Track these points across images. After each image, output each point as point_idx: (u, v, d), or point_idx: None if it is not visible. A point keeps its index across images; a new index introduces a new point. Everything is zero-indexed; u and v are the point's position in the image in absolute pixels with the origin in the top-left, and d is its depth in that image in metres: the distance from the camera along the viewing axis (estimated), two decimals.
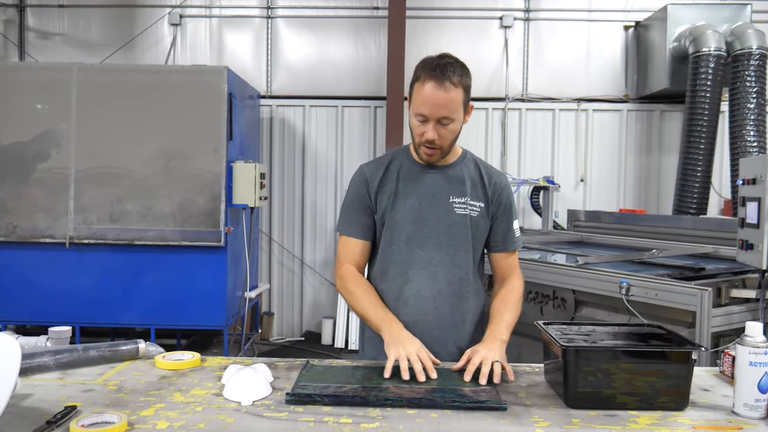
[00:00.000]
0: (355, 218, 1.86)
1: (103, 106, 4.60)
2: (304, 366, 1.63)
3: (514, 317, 1.76)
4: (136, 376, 1.57)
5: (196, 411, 1.33)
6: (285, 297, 6.36)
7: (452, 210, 1.81)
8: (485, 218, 1.85)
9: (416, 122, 1.72)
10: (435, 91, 1.65)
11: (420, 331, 1.78)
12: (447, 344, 1.82)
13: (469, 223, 1.82)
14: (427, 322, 1.81)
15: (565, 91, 6.16)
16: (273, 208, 6.26)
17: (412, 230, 1.81)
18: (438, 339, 1.81)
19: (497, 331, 1.68)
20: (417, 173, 1.84)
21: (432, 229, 1.81)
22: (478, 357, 1.56)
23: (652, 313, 2.99)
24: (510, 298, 1.81)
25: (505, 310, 1.77)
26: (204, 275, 4.60)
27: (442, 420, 1.31)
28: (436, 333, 1.81)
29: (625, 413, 1.36)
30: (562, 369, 1.40)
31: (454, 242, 1.81)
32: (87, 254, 4.57)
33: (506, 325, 1.71)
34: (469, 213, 1.82)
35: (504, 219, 1.87)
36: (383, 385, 1.46)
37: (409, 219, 1.80)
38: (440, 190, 1.82)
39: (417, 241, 1.81)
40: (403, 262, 1.81)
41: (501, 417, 1.33)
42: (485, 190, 1.85)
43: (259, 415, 1.31)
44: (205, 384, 1.52)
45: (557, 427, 1.28)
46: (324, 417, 1.31)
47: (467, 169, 1.86)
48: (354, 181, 1.90)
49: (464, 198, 1.82)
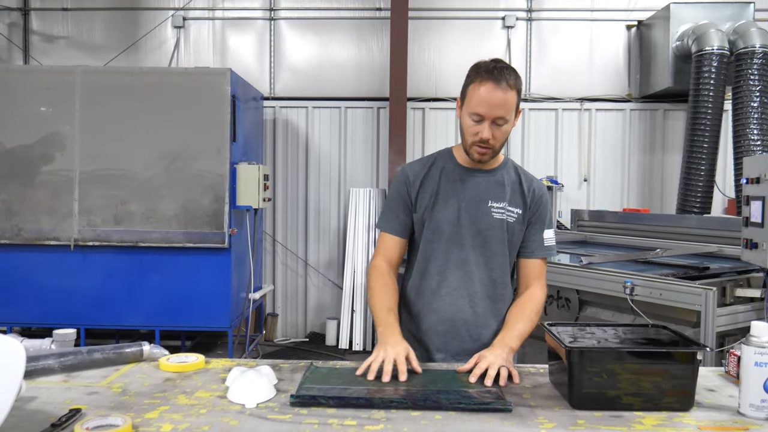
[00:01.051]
0: (393, 216, 1.92)
1: (106, 109, 4.61)
2: (308, 368, 1.63)
3: (528, 327, 1.77)
4: (141, 378, 1.57)
5: (200, 413, 1.33)
6: (289, 298, 6.37)
7: (490, 214, 1.85)
8: (521, 224, 1.88)
9: (470, 122, 1.75)
10: (492, 92, 1.69)
11: (457, 328, 1.87)
12: (482, 342, 1.85)
13: (505, 227, 1.86)
14: (464, 320, 1.87)
15: (567, 91, 6.15)
16: (277, 209, 6.27)
17: (451, 230, 1.85)
18: (475, 337, 1.87)
19: (507, 338, 1.70)
20: (459, 176, 1.88)
21: (469, 230, 1.85)
22: (485, 362, 1.57)
23: (656, 312, 2.98)
24: (528, 307, 1.82)
25: (521, 318, 1.78)
26: (208, 277, 4.61)
27: (447, 422, 1.30)
28: (474, 330, 1.87)
29: (630, 414, 1.36)
30: (566, 370, 1.39)
31: (489, 245, 1.86)
32: (91, 256, 4.58)
33: (518, 334, 1.73)
34: (506, 218, 1.85)
35: (537, 226, 1.90)
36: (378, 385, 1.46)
37: (448, 219, 1.85)
38: (480, 193, 1.86)
39: (455, 242, 1.86)
40: (442, 261, 1.87)
41: (505, 418, 1.33)
42: (524, 197, 1.89)
43: (263, 417, 1.31)
44: (210, 386, 1.52)
45: (562, 429, 1.27)
46: (328, 419, 1.31)
47: (508, 174, 1.90)
48: (396, 180, 1.95)
49: (503, 203, 1.86)
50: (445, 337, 1.88)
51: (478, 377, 1.53)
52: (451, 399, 1.40)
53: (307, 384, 1.50)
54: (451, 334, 1.87)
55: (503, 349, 1.64)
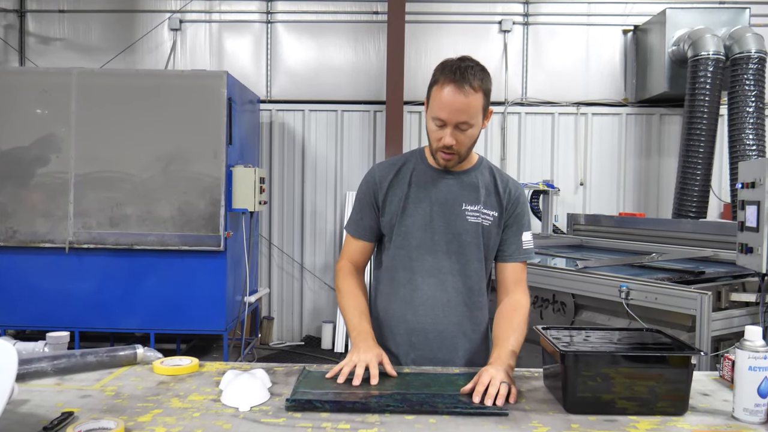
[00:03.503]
0: (359, 218, 1.86)
1: (102, 111, 4.60)
2: (301, 372, 1.63)
3: (520, 338, 1.67)
4: (134, 381, 1.56)
5: (193, 417, 1.32)
6: (285, 301, 6.36)
7: (464, 217, 1.77)
8: (498, 228, 1.81)
9: (434, 126, 1.68)
10: (454, 96, 1.60)
11: (431, 339, 1.79)
12: (457, 353, 1.81)
13: (480, 231, 1.78)
14: (438, 331, 1.79)
15: (564, 95, 6.17)
16: (273, 212, 6.26)
17: (422, 236, 1.78)
18: (450, 347, 1.80)
19: (503, 356, 1.58)
20: (430, 178, 1.80)
21: (442, 236, 1.78)
22: (487, 376, 1.47)
23: (651, 316, 2.98)
24: (516, 318, 1.72)
25: (511, 332, 1.67)
26: (204, 280, 4.60)
27: (441, 426, 1.30)
28: (449, 342, 1.80)
29: (624, 418, 1.36)
30: (561, 374, 1.39)
31: (464, 251, 1.78)
32: (87, 259, 4.57)
33: (512, 349, 1.61)
34: (482, 221, 1.78)
35: (514, 228, 1.82)
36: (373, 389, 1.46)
37: (419, 225, 1.78)
38: (453, 196, 1.78)
39: (427, 248, 1.78)
40: (412, 269, 1.79)
41: (500, 422, 1.32)
42: (500, 199, 1.81)
43: (257, 421, 1.31)
44: (203, 389, 1.51)
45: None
46: (322, 423, 1.30)
47: (482, 176, 1.82)
48: (364, 180, 1.88)
49: (477, 206, 1.78)
50: (418, 348, 1.79)
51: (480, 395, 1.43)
52: (447, 403, 1.40)
53: (302, 388, 1.49)
54: (425, 345, 1.78)
55: (502, 366, 1.53)
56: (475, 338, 1.83)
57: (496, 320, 1.76)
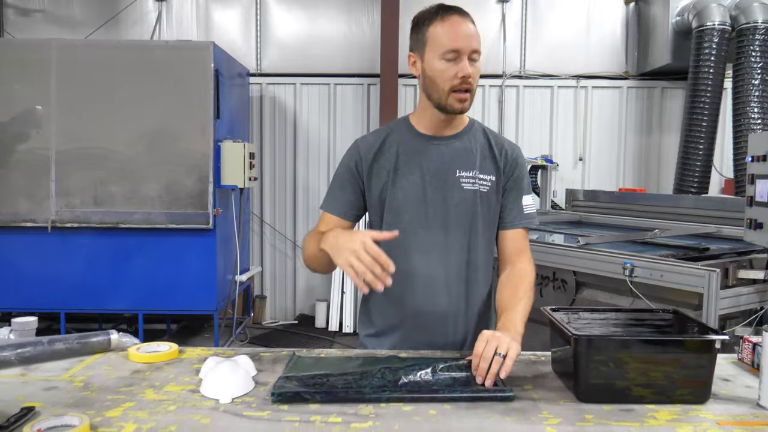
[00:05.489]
0: (341, 194, 1.69)
1: (84, 84, 4.42)
2: (290, 358, 1.50)
3: (528, 307, 1.54)
4: (106, 370, 1.44)
5: (168, 411, 1.20)
6: (278, 280, 6.24)
7: (459, 185, 1.63)
8: (497, 193, 1.67)
9: (443, 65, 1.53)
10: (462, 23, 1.54)
11: (432, 323, 1.66)
12: (457, 334, 1.69)
13: (478, 199, 1.64)
14: (437, 313, 1.65)
15: (563, 68, 6.00)
16: (264, 189, 6.11)
17: (415, 210, 1.63)
18: (449, 330, 1.68)
19: (511, 322, 1.46)
20: (419, 146, 1.65)
21: (437, 208, 1.63)
22: (482, 342, 1.34)
23: (656, 294, 2.88)
24: (521, 286, 1.59)
25: (517, 300, 1.54)
26: (193, 259, 4.47)
27: (442, 418, 1.18)
28: (450, 324, 1.67)
29: (641, 407, 1.24)
30: (573, 360, 1.27)
31: (462, 222, 1.64)
32: (71, 238, 4.42)
33: (521, 317, 1.49)
34: (479, 188, 1.64)
35: (514, 192, 1.68)
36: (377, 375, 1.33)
37: (411, 198, 1.63)
38: (446, 164, 1.64)
39: (421, 223, 1.63)
40: (406, 247, 1.63)
41: (506, 413, 1.20)
42: (496, 162, 1.67)
43: (239, 415, 1.18)
44: (182, 379, 1.38)
45: (569, 425, 1.15)
46: (310, 416, 1.18)
47: (475, 139, 1.68)
48: (346, 154, 1.72)
49: (473, 171, 1.64)
50: (417, 332, 1.66)
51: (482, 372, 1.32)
52: (447, 388, 1.28)
53: (290, 375, 1.37)
54: (424, 328, 1.65)
55: (510, 332, 1.42)
56: (471, 316, 1.71)
57: (500, 290, 1.63)
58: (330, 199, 1.71)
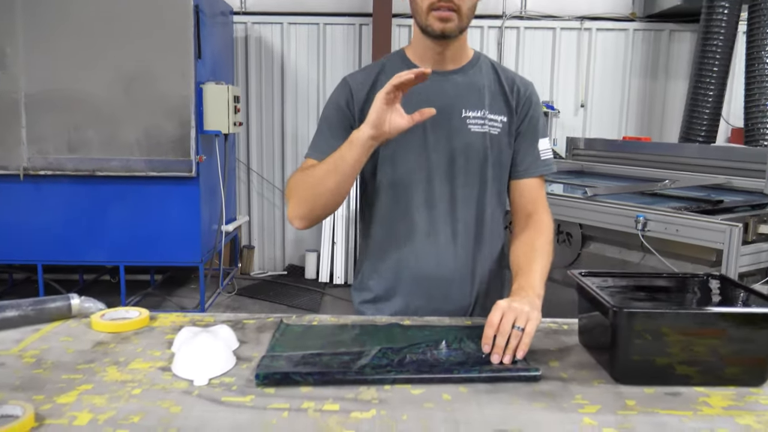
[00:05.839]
0: (328, 137, 1.44)
1: (53, 22, 4.07)
2: (277, 327, 1.31)
3: (547, 266, 1.35)
4: (64, 342, 1.23)
5: (132, 395, 1.00)
6: (266, 230, 6.04)
7: (466, 129, 1.41)
8: (509, 136, 1.45)
9: None
10: None
11: (437, 287, 1.47)
12: (464, 298, 1.50)
13: (488, 143, 1.43)
14: (443, 276, 1.46)
15: (566, 8, 5.67)
16: (251, 135, 5.83)
17: (415, 158, 1.42)
18: (456, 295, 1.49)
19: (530, 285, 1.27)
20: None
21: (441, 155, 1.42)
22: (498, 312, 1.15)
23: (668, 250, 2.71)
24: (539, 241, 1.40)
25: (535, 258, 1.35)
26: (175, 208, 4.24)
27: (458, 404, 0.99)
28: (456, 288, 1.48)
29: (689, 390, 1.06)
30: (610, 335, 1.09)
31: (470, 171, 1.43)
32: (45, 187, 4.16)
33: (540, 279, 1.30)
34: (489, 130, 1.42)
35: (529, 135, 1.47)
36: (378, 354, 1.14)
37: (410, 144, 1.41)
38: (450, 102, 1.41)
39: (422, 173, 1.43)
40: (407, 201, 1.43)
41: (533, 398, 1.02)
42: (507, 100, 1.45)
43: (216, 401, 0.99)
44: (151, 353, 1.19)
45: (609, 413, 0.97)
46: (302, 402, 0.99)
47: (482, 73, 1.45)
48: (335, 93, 1.49)
49: (481, 111, 1.42)
50: (421, 298, 1.47)
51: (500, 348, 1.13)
52: (461, 367, 1.10)
53: (278, 350, 1.18)
54: (429, 293, 1.47)
55: (527, 297, 1.22)
56: (489, 281, 1.52)
57: (514, 248, 1.43)
58: (318, 144, 1.47)
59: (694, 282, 1.31)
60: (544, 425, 0.93)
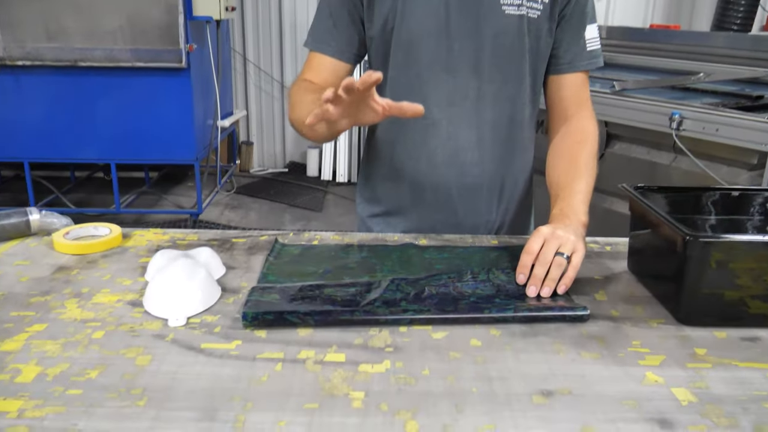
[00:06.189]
0: (333, 26, 1.20)
1: None
2: (272, 249, 1.11)
3: (591, 184, 1.13)
4: (19, 267, 1.04)
5: (92, 340, 0.82)
6: (265, 125, 5.76)
7: (499, 10, 1.15)
8: (550, 21, 1.19)
9: None
10: None
11: (459, 200, 1.26)
12: (490, 213, 1.29)
13: (526, 29, 1.17)
14: (467, 186, 1.25)
15: None
16: (246, 22, 5.41)
17: (435, 46, 1.16)
18: (478, 208, 1.28)
19: (572, 209, 1.05)
20: None
21: (468, 43, 1.16)
22: (538, 240, 0.95)
23: (703, 150, 2.47)
24: (583, 155, 1.17)
25: (578, 176, 1.12)
26: (166, 102, 3.94)
27: (489, 354, 0.81)
28: (483, 203, 1.27)
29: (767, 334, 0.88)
30: (674, 267, 0.89)
31: (502, 61, 1.18)
32: (24, 78, 3.85)
33: (583, 200, 1.08)
34: (527, 13, 1.16)
35: (575, 19, 1.20)
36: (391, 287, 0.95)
37: (430, 29, 1.15)
38: None
39: (444, 63, 1.17)
40: (425, 98, 1.18)
41: (581, 345, 0.83)
42: None
43: (194, 348, 0.81)
44: (120, 282, 1.00)
45: (677, 367, 0.79)
46: (299, 350, 0.80)
47: None
48: None
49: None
50: (437, 212, 1.27)
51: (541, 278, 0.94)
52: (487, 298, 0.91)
53: (271, 278, 0.99)
54: (448, 207, 1.27)
55: (572, 224, 1.01)
56: (513, 191, 1.31)
57: (553, 160, 1.21)
58: (319, 34, 1.22)
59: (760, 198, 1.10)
60: (598, 383, 0.75)
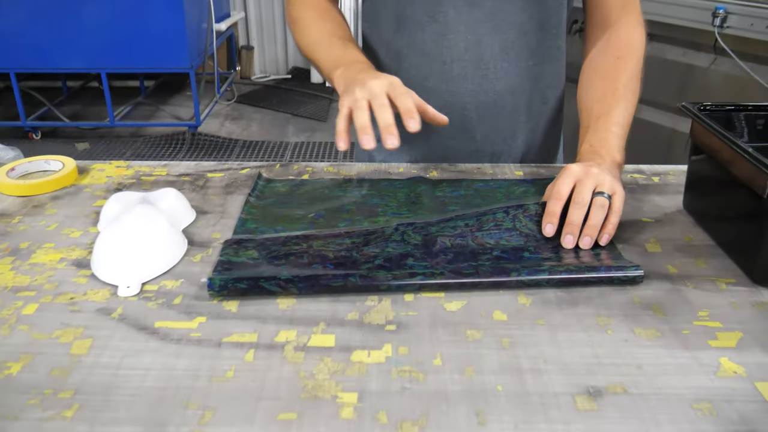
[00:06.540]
0: None
1: None
2: (254, 185, 0.92)
3: (631, 113, 0.90)
4: None
5: (21, 317, 0.66)
6: (265, 28, 5.40)
7: None
8: None
9: None
10: None
11: (474, 118, 1.03)
12: (514, 138, 1.07)
13: None
14: (485, 104, 1.02)
15: None
16: None
17: None
18: (500, 132, 1.06)
19: (607, 146, 0.84)
20: None
21: None
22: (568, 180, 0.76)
23: (745, 51, 2.20)
24: (624, 76, 0.92)
25: (616, 103, 0.89)
26: (154, 5, 3.63)
27: (519, 331, 0.64)
28: (506, 124, 1.05)
29: None
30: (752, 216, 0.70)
31: None
32: None
33: (620, 134, 0.87)
34: None
35: None
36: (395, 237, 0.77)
37: None
38: None
39: None
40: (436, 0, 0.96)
41: (634, 318, 0.66)
42: None
43: (146, 328, 0.64)
44: (67, 233, 0.82)
45: (758, 349, 0.62)
46: (276, 331, 0.64)
47: None
48: None
49: None
50: (451, 136, 1.04)
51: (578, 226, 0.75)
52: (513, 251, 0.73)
53: (250, 225, 0.81)
54: (463, 129, 1.03)
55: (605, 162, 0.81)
56: (542, 110, 1.09)
57: (586, 80, 0.98)
58: None
59: None
60: (660, 376, 0.58)
